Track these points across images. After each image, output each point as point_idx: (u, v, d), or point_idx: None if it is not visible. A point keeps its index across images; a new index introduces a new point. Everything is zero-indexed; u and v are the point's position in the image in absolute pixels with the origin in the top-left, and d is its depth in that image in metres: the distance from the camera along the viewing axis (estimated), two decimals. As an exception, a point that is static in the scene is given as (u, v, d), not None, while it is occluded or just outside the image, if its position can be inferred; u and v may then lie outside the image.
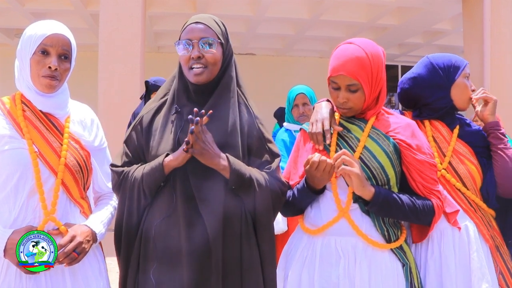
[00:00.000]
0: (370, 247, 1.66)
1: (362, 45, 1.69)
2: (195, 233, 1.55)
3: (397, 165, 1.71)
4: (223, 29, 1.71)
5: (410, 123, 1.77)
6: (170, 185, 1.59)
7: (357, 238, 1.67)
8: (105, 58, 5.84)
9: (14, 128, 1.59)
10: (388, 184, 1.69)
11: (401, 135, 1.71)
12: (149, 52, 7.57)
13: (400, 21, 8.44)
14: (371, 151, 1.69)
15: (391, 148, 1.70)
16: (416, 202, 1.68)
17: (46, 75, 1.59)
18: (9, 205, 1.56)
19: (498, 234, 1.92)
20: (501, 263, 1.87)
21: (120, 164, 1.69)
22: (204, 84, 1.65)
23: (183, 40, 1.64)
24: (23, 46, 1.61)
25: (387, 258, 1.67)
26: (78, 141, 1.69)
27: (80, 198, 1.68)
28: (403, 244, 1.72)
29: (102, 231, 1.68)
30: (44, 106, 1.65)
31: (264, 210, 1.63)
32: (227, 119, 1.63)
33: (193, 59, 1.62)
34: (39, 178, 1.55)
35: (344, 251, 1.65)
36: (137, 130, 1.71)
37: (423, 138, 1.78)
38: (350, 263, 1.64)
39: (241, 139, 1.64)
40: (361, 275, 1.62)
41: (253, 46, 10.17)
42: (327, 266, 1.67)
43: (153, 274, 1.54)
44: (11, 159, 1.55)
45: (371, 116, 1.76)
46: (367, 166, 1.68)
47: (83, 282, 1.61)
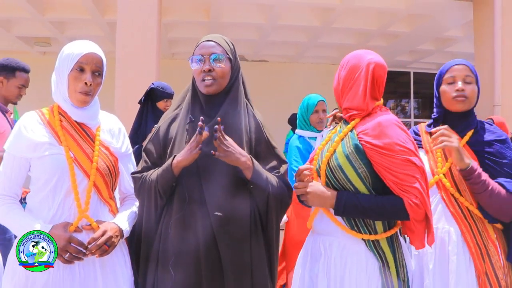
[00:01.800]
0: (347, 245, 1.73)
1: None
2: (205, 231, 1.72)
3: (359, 166, 1.71)
4: (232, 47, 1.90)
5: (381, 122, 1.74)
6: (183, 185, 1.77)
7: (333, 236, 1.76)
8: (121, 66, 5.99)
9: (53, 136, 1.78)
10: (350, 183, 1.72)
11: (368, 136, 1.73)
12: (164, 58, 7.73)
13: (411, 28, 8.48)
14: (335, 153, 1.77)
15: (351, 149, 1.73)
16: (384, 203, 1.68)
17: (82, 91, 1.78)
18: (48, 203, 1.75)
19: (492, 243, 1.91)
20: (490, 271, 1.87)
21: (140, 170, 1.89)
22: (214, 95, 1.84)
23: (196, 56, 1.85)
24: (61, 64, 1.79)
25: (362, 255, 1.71)
26: (107, 148, 1.87)
27: (109, 198, 1.86)
28: (382, 241, 1.72)
29: (127, 228, 1.85)
30: (78, 117, 1.83)
31: (274, 209, 1.81)
32: (235, 127, 1.81)
33: (204, 72, 1.82)
34: (74, 181, 1.74)
35: (326, 249, 1.77)
36: (155, 138, 1.91)
37: (396, 135, 1.71)
38: (328, 260, 1.75)
39: (249, 146, 1.82)
40: (335, 271, 1.72)
41: (266, 53, 10.30)
42: (314, 262, 1.82)
43: (172, 266, 1.71)
44: (51, 163, 1.73)
45: (353, 118, 1.83)
46: (329, 167, 1.76)
47: (111, 272, 1.79)
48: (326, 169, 1.78)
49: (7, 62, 3.12)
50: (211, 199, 1.75)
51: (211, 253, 1.72)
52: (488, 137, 2.00)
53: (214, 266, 1.72)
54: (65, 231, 1.68)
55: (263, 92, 10.03)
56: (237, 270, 1.73)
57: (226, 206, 1.74)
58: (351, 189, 1.73)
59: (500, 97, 6.59)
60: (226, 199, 1.75)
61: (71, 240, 1.67)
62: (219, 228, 1.72)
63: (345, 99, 1.84)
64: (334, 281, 1.72)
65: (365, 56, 1.82)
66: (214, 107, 1.84)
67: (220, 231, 1.72)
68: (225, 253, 1.72)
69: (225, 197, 1.75)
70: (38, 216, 1.73)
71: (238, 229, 1.75)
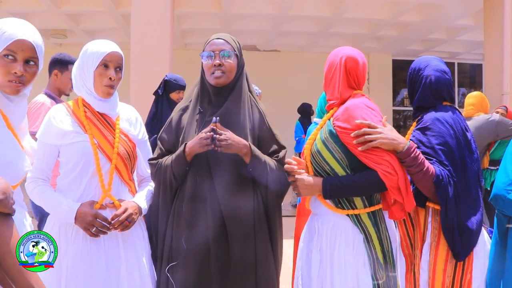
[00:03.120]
0: (337, 223, 1.93)
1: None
2: (214, 208, 1.96)
3: (335, 149, 1.91)
4: (238, 45, 2.12)
5: (348, 106, 1.93)
6: (195, 170, 2.00)
7: (325, 216, 1.97)
8: (136, 57, 6.14)
9: (78, 126, 2.00)
10: (329, 166, 1.93)
11: (339, 121, 1.93)
12: (177, 49, 7.87)
13: (422, 18, 8.50)
14: (314, 140, 2.01)
15: (327, 135, 1.95)
16: (361, 178, 1.87)
17: (107, 85, 1.98)
18: (76, 184, 1.98)
19: (417, 229, 2.08)
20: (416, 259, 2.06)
21: (156, 157, 2.12)
22: (222, 88, 2.05)
23: (206, 52, 2.06)
24: (86, 61, 1.98)
25: (349, 230, 1.91)
26: (126, 135, 2.09)
27: (129, 180, 2.08)
28: (363, 216, 1.91)
29: (145, 207, 2.08)
30: (100, 108, 2.04)
31: (274, 189, 2.03)
32: (240, 116, 2.03)
33: (214, 66, 2.03)
34: (99, 164, 1.96)
35: (319, 227, 2.00)
36: (168, 128, 2.14)
37: (362, 115, 1.89)
38: (321, 237, 1.97)
39: (252, 133, 2.03)
40: (326, 246, 1.94)
41: (278, 43, 10.41)
42: (310, 240, 2.04)
43: (185, 240, 1.95)
44: (78, 149, 1.96)
45: (331, 107, 2.04)
46: (311, 153, 1.99)
47: (131, 244, 2.02)
48: (310, 155, 1.99)
49: (61, 57, 3.41)
50: (218, 179, 1.97)
51: (220, 228, 1.95)
52: (417, 125, 2.15)
53: (222, 237, 1.95)
54: (91, 208, 1.92)
55: (275, 81, 10.15)
56: (242, 236, 1.96)
57: (233, 187, 1.96)
58: (330, 171, 1.93)
59: (509, 85, 6.61)
60: (233, 181, 1.96)
61: (97, 216, 1.90)
62: (226, 203, 1.95)
63: (327, 92, 2.06)
64: (325, 255, 1.93)
65: (339, 51, 2.05)
66: (222, 98, 2.05)
67: (227, 205, 1.94)
68: (232, 226, 1.95)
69: (231, 179, 1.97)
70: (67, 195, 1.97)
71: (244, 203, 1.97)
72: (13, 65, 1.60)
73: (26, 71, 1.63)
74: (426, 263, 2.04)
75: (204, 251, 1.94)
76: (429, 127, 2.07)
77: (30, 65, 1.64)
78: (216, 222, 1.95)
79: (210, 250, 1.95)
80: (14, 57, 1.61)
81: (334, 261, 1.91)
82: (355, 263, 1.88)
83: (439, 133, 2.04)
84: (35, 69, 1.67)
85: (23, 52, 1.61)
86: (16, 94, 1.65)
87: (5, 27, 1.60)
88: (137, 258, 2.01)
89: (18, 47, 1.60)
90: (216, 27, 8.61)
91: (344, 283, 1.87)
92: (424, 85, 2.16)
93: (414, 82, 2.21)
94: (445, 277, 2.01)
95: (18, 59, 1.61)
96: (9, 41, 1.59)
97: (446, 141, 2.02)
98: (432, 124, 2.06)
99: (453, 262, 2.01)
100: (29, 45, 1.62)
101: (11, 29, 1.60)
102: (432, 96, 2.16)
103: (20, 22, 1.65)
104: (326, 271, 1.92)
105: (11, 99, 1.66)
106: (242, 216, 1.95)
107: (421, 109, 2.20)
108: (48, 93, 3.34)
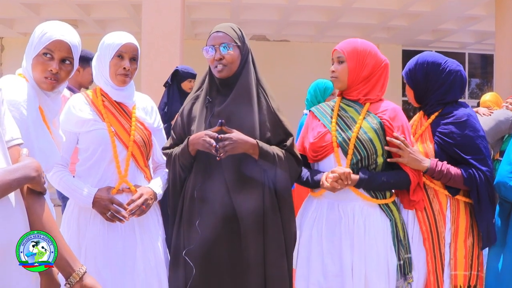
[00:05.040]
0: (365, 208, 2.08)
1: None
2: (222, 195, 1.99)
3: (383, 140, 2.11)
4: (239, 33, 2.11)
5: (395, 108, 2.17)
6: (200, 164, 2.04)
7: (354, 202, 2.09)
8: (147, 47, 6.19)
9: (96, 114, 2.08)
10: (376, 153, 2.10)
11: (387, 116, 2.13)
12: (187, 39, 7.91)
13: (433, 8, 8.43)
14: (363, 128, 2.11)
15: (378, 125, 2.11)
16: (394, 176, 2.11)
17: (121, 74, 2.06)
18: (94, 170, 2.07)
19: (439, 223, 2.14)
20: (437, 251, 2.12)
21: (169, 146, 2.17)
22: (227, 78, 2.08)
23: (208, 46, 2.09)
24: (103, 52, 2.07)
25: (378, 215, 2.09)
26: (142, 123, 2.16)
27: (144, 166, 2.16)
28: (390, 204, 2.14)
29: (160, 192, 2.15)
30: (118, 97, 2.12)
31: (283, 179, 2.05)
32: (247, 105, 2.05)
33: (216, 60, 2.05)
34: (116, 151, 2.04)
35: (345, 213, 2.08)
36: (180, 118, 2.18)
37: (405, 121, 2.16)
38: (350, 222, 2.06)
39: (260, 121, 2.04)
40: (358, 231, 2.05)
41: (287, 33, 10.40)
42: (332, 225, 2.09)
43: (199, 225, 1.98)
44: (96, 137, 2.05)
45: (367, 102, 2.17)
46: (359, 140, 2.08)
47: (146, 229, 2.11)
48: (355, 142, 2.07)
49: (83, 54, 3.49)
50: (227, 167, 1.99)
51: (230, 214, 1.98)
52: (447, 119, 2.18)
53: (232, 224, 1.98)
54: (108, 193, 2.01)
55: (285, 71, 10.17)
56: (252, 222, 1.98)
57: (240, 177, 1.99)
58: (373, 160, 2.08)
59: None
60: (240, 171, 2.00)
61: (112, 201, 1.99)
62: (235, 189, 1.97)
63: (363, 86, 2.16)
64: (358, 237, 2.04)
65: (381, 57, 2.19)
66: (228, 88, 2.08)
67: (235, 190, 1.97)
68: (242, 212, 1.97)
69: (239, 169, 2.00)
70: (86, 181, 2.05)
71: (252, 190, 2.00)
72: (49, 63, 1.76)
73: (61, 69, 1.78)
74: (448, 236, 2.14)
75: (212, 247, 1.97)
76: (466, 123, 2.14)
77: (66, 64, 1.80)
78: (226, 216, 1.97)
79: (218, 246, 1.97)
80: (52, 55, 1.76)
81: (366, 243, 2.04)
82: (385, 245, 2.06)
83: (476, 129, 2.14)
84: (70, 68, 1.82)
85: (59, 52, 1.77)
86: (51, 90, 1.80)
87: (46, 29, 1.78)
88: (152, 243, 2.09)
89: (56, 46, 1.76)
90: (226, 17, 8.63)
91: (376, 263, 2.03)
92: (454, 79, 2.20)
93: (433, 76, 2.21)
94: (466, 247, 2.13)
95: (55, 58, 1.77)
96: (48, 41, 1.75)
97: (484, 136, 2.16)
98: (469, 121, 2.14)
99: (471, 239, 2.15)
100: (66, 46, 1.77)
101: (51, 30, 1.77)
102: (460, 91, 2.24)
103: (61, 24, 1.82)
104: (360, 253, 2.03)
105: (48, 94, 1.81)
106: (252, 211, 1.98)
107: (439, 104, 2.22)
108: (68, 86, 3.44)
